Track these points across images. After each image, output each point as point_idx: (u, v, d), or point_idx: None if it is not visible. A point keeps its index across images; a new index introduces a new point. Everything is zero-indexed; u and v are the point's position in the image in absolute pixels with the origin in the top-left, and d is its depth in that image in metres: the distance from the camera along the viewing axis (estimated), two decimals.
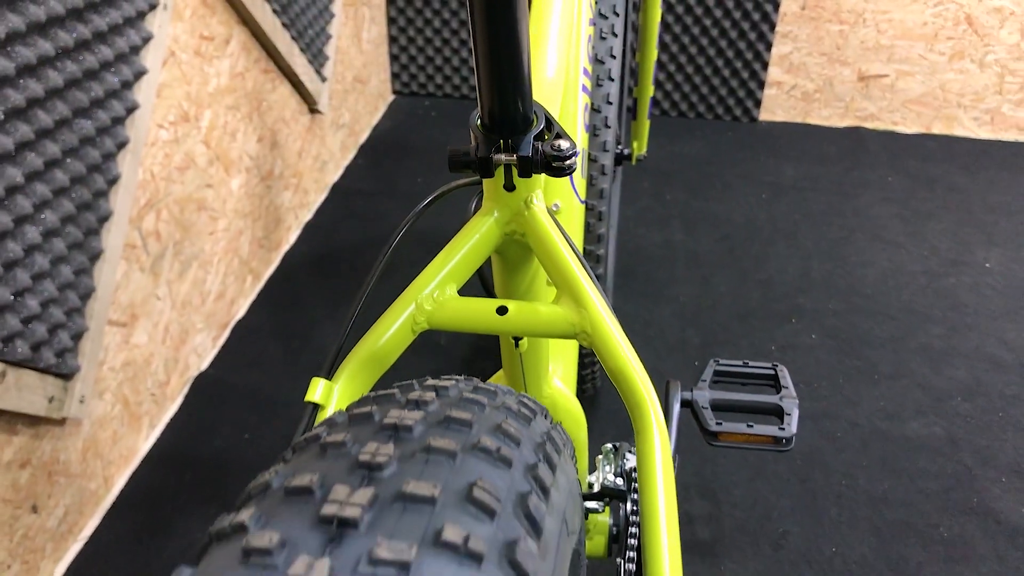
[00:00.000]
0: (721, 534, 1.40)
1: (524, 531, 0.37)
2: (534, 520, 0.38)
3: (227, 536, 0.36)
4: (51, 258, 1.16)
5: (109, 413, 1.40)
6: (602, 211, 1.16)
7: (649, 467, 0.50)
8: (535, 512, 0.38)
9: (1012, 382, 1.73)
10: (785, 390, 1.04)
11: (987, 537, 1.40)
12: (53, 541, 1.29)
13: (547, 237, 0.58)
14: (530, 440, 0.43)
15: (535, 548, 0.37)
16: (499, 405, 0.45)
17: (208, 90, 1.63)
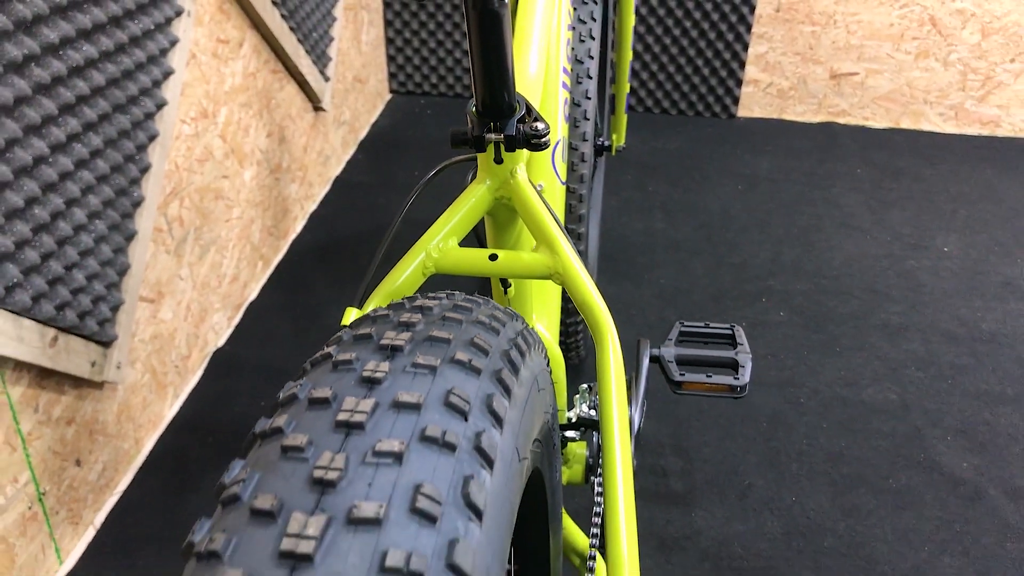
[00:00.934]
0: (693, 486, 1.55)
1: (490, 424, 0.47)
2: (498, 416, 0.47)
3: (267, 436, 0.45)
4: (94, 237, 1.31)
5: (139, 381, 1.55)
6: (582, 194, 1.32)
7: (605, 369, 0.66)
8: (499, 410, 0.48)
9: (962, 353, 1.89)
10: (740, 347, 1.20)
11: (932, 487, 1.56)
12: (93, 493, 1.44)
13: (528, 200, 0.73)
14: (498, 349, 0.53)
15: (497, 437, 0.46)
16: (474, 320, 0.55)
17: (224, 89, 1.78)
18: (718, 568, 1.40)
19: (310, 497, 0.39)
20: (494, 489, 0.43)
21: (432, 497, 0.39)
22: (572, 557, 1.02)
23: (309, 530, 0.37)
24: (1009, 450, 1.64)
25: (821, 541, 1.45)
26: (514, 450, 0.48)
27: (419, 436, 0.42)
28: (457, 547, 0.38)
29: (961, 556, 1.43)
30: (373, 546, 0.37)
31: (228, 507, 0.41)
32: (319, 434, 0.43)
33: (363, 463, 0.40)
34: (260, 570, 0.37)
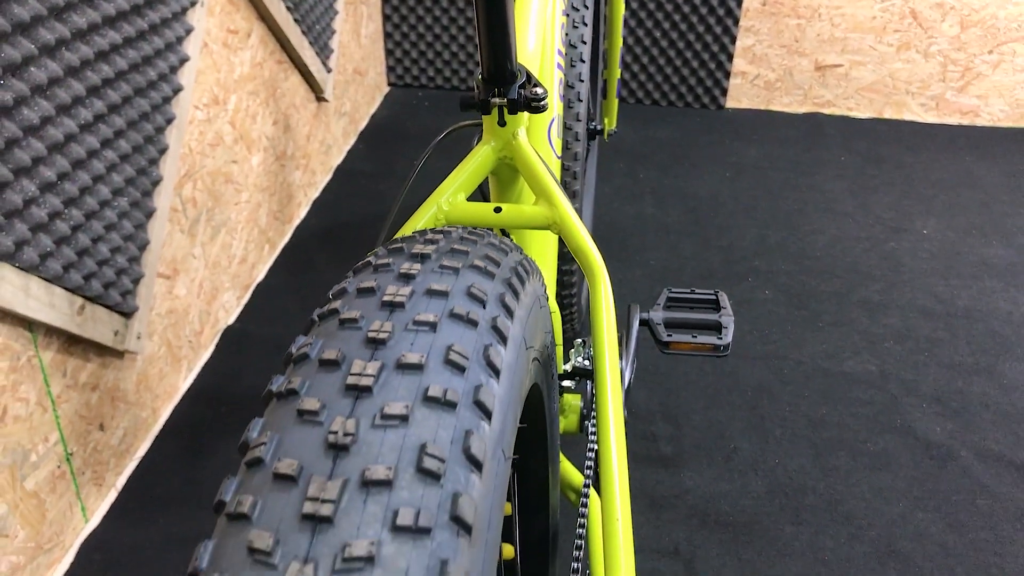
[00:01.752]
0: (681, 450, 1.64)
1: (486, 376, 0.49)
2: (494, 366, 0.50)
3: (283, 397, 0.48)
4: (117, 212, 1.39)
5: (156, 353, 1.63)
6: (576, 171, 1.41)
7: (598, 307, 0.74)
8: (495, 360, 0.50)
9: (938, 328, 1.99)
10: (724, 310, 1.29)
11: (907, 450, 1.65)
12: (115, 457, 1.52)
13: (529, 158, 0.82)
14: (494, 294, 0.55)
15: (496, 388, 0.49)
16: (470, 265, 0.57)
17: (234, 77, 1.86)
18: (705, 524, 1.49)
19: (326, 462, 0.42)
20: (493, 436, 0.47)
21: (436, 456, 0.43)
22: (568, 493, 1.11)
23: (327, 493, 0.40)
24: (981, 416, 1.73)
25: (802, 499, 1.54)
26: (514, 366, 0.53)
27: (422, 397, 0.46)
28: (460, 500, 0.41)
29: (934, 511, 1.52)
30: (385, 506, 0.40)
31: (252, 469, 0.44)
32: (331, 398, 0.46)
33: (372, 427, 0.44)
34: (286, 531, 0.40)
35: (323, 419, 0.45)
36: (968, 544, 1.46)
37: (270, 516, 0.41)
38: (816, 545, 1.46)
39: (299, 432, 0.45)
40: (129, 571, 1.39)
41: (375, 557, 0.38)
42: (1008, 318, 2.02)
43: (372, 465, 0.42)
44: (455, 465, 0.43)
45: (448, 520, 0.41)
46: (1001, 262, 2.23)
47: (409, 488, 0.41)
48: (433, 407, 0.45)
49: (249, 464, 0.44)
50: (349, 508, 0.40)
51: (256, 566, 0.39)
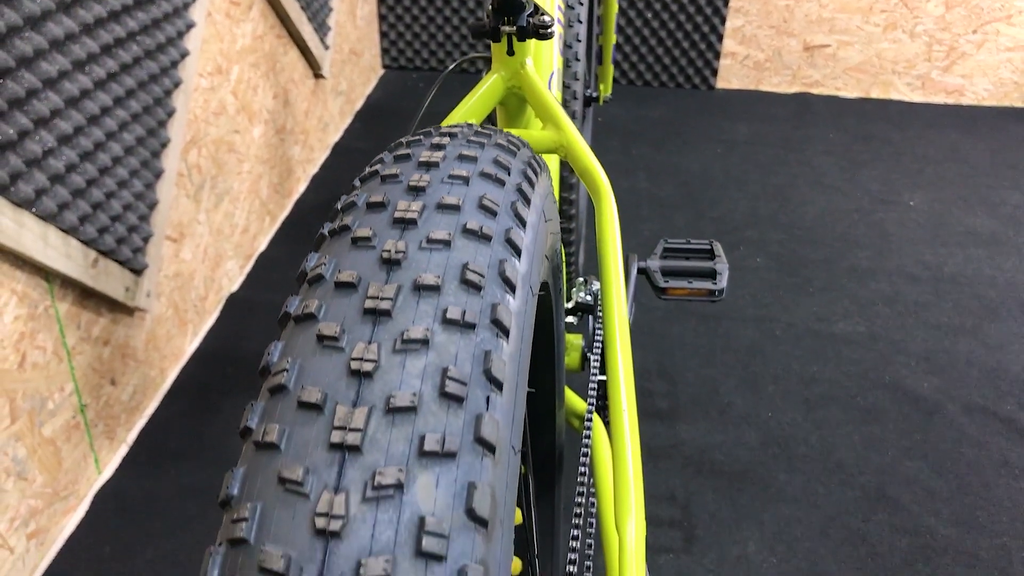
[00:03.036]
0: (677, 405, 1.69)
1: (503, 293, 0.49)
2: (510, 282, 0.49)
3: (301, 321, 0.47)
4: (128, 170, 1.43)
5: (164, 314, 1.67)
6: None
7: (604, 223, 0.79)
8: (511, 276, 0.50)
9: (926, 292, 2.04)
10: (718, 258, 1.34)
11: (895, 404, 1.70)
12: (126, 413, 1.56)
13: (536, 87, 0.86)
14: (506, 202, 0.54)
15: (511, 303, 0.49)
16: (480, 172, 0.56)
17: (236, 48, 1.90)
18: (700, 472, 1.54)
19: (350, 389, 0.42)
20: (511, 354, 0.47)
21: (458, 379, 0.42)
22: (572, 420, 1.15)
23: (354, 422, 0.40)
24: (967, 373, 1.79)
25: (795, 449, 1.59)
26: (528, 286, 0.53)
27: (441, 319, 0.45)
28: (483, 422, 0.42)
29: (921, 460, 1.58)
30: (410, 432, 0.40)
31: (276, 396, 0.44)
32: (350, 323, 0.45)
33: (394, 352, 0.43)
34: (315, 461, 0.40)
35: (344, 345, 0.44)
36: (955, 489, 1.51)
37: (298, 446, 0.41)
38: (809, 491, 1.51)
39: (320, 358, 0.44)
40: (143, 519, 1.43)
41: (404, 484, 0.39)
42: (993, 282, 2.08)
43: (396, 392, 0.42)
44: (476, 387, 0.43)
45: (472, 442, 0.41)
46: (986, 231, 2.29)
47: (434, 414, 0.41)
48: (452, 329, 0.45)
49: (272, 391, 0.44)
50: (376, 436, 0.40)
51: (288, 496, 0.39)
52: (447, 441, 0.40)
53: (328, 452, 0.40)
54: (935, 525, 1.45)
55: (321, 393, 0.42)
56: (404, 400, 0.41)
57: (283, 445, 0.41)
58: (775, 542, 1.41)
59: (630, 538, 0.64)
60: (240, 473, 0.42)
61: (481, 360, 0.44)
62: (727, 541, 1.41)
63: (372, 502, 0.38)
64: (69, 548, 1.37)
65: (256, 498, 0.40)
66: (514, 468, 0.45)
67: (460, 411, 0.42)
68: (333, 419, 0.41)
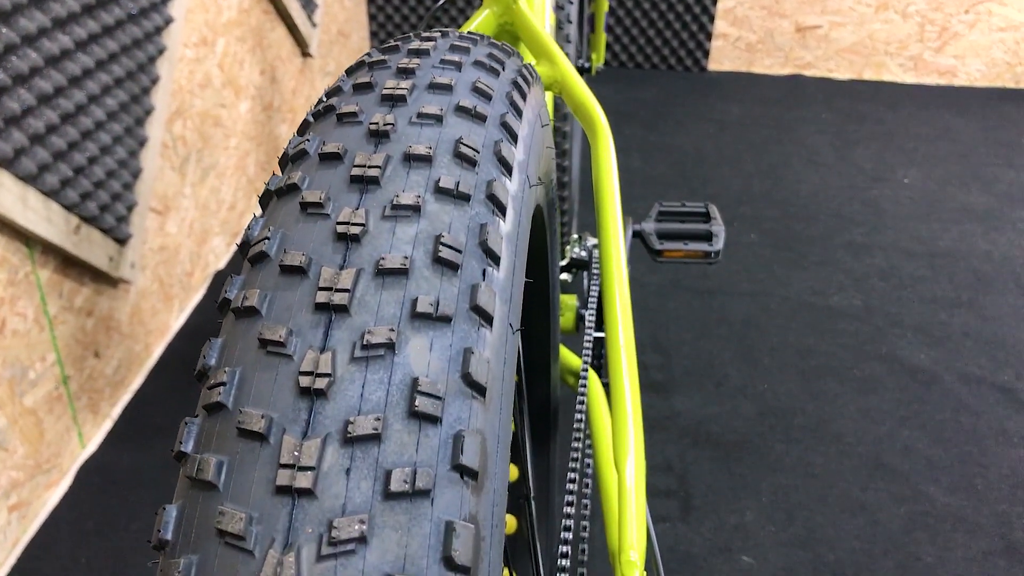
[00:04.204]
0: (672, 377, 1.67)
1: (498, 173, 0.46)
2: (507, 163, 0.47)
3: (285, 193, 0.44)
4: (111, 137, 1.40)
5: (149, 288, 1.63)
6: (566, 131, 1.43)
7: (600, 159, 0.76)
8: (508, 157, 0.47)
9: (920, 266, 2.02)
10: (714, 220, 1.31)
11: (892, 375, 1.68)
12: (110, 387, 1.53)
13: (529, 22, 0.84)
14: (501, 90, 0.52)
15: (507, 184, 0.47)
16: (473, 61, 0.53)
17: (221, 20, 1.87)
18: (697, 442, 1.52)
19: (336, 254, 0.40)
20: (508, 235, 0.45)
21: (452, 246, 0.40)
22: (567, 377, 1.12)
23: (341, 283, 0.38)
24: (963, 344, 1.77)
25: (792, 419, 1.57)
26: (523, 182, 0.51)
27: (433, 189, 0.43)
28: (480, 290, 0.39)
29: (919, 429, 1.55)
30: (402, 295, 0.38)
31: (258, 265, 0.41)
32: (336, 191, 0.43)
33: (383, 218, 0.41)
34: (299, 322, 0.38)
35: (329, 211, 0.42)
36: (953, 457, 1.50)
37: (281, 310, 0.38)
38: (806, 461, 1.48)
39: (304, 225, 0.42)
40: (129, 491, 1.39)
41: (395, 344, 0.36)
42: (988, 256, 2.06)
43: (386, 254, 0.39)
44: (472, 258, 0.41)
45: (468, 310, 0.39)
46: (980, 207, 2.28)
47: (427, 279, 0.39)
48: (445, 199, 0.42)
49: (253, 260, 0.42)
50: (365, 297, 0.38)
51: (270, 358, 0.37)
52: (441, 305, 0.38)
53: (313, 314, 0.38)
54: (934, 493, 1.42)
55: (305, 257, 0.39)
56: (394, 262, 0.39)
57: (264, 309, 0.39)
58: (773, 511, 1.39)
59: (629, 475, 0.62)
60: (218, 344, 0.40)
61: (477, 232, 0.42)
62: (725, 510, 1.38)
63: (361, 362, 0.36)
64: (52, 521, 1.34)
65: (235, 364, 0.38)
66: (512, 345, 0.42)
67: (455, 278, 0.40)
68: (318, 281, 0.38)
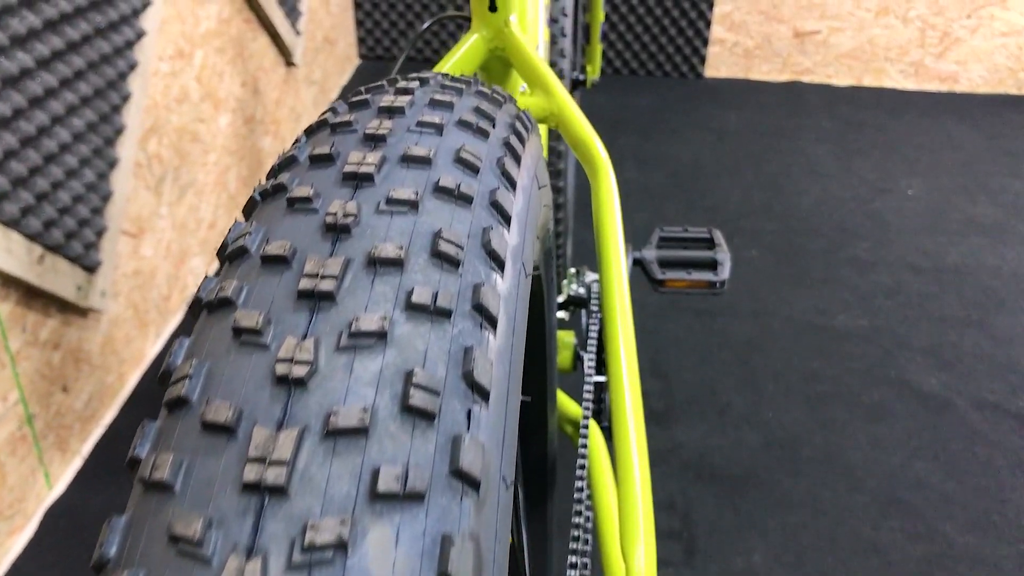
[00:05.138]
0: (672, 405, 1.59)
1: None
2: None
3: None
4: (78, 159, 1.31)
5: (122, 315, 1.55)
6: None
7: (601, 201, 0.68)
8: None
9: (928, 283, 1.95)
10: (719, 247, 1.24)
11: (902, 401, 1.61)
12: (80, 422, 1.44)
13: (522, 47, 0.76)
14: (491, 157, 0.44)
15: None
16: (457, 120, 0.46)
17: (199, 31, 1.78)
18: (700, 477, 1.44)
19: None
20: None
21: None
22: (564, 426, 1.05)
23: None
24: (975, 367, 1.70)
25: (799, 450, 1.50)
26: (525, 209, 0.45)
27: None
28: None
29: (932, 460, 1.48)
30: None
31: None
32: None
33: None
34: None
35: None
36: (969, 491, 1.42)
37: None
38: (815, 496, 1.41)
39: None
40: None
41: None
42: (997, 272, 1.99)
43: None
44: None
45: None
46: (987, 219, 2.21)
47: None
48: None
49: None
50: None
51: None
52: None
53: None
54: (950, 531, 1.35)
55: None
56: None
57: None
58: (782, 552, 1.31)
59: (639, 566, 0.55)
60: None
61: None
62: (730, 552, 1.31)
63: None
64: (15, 572, 1.26)
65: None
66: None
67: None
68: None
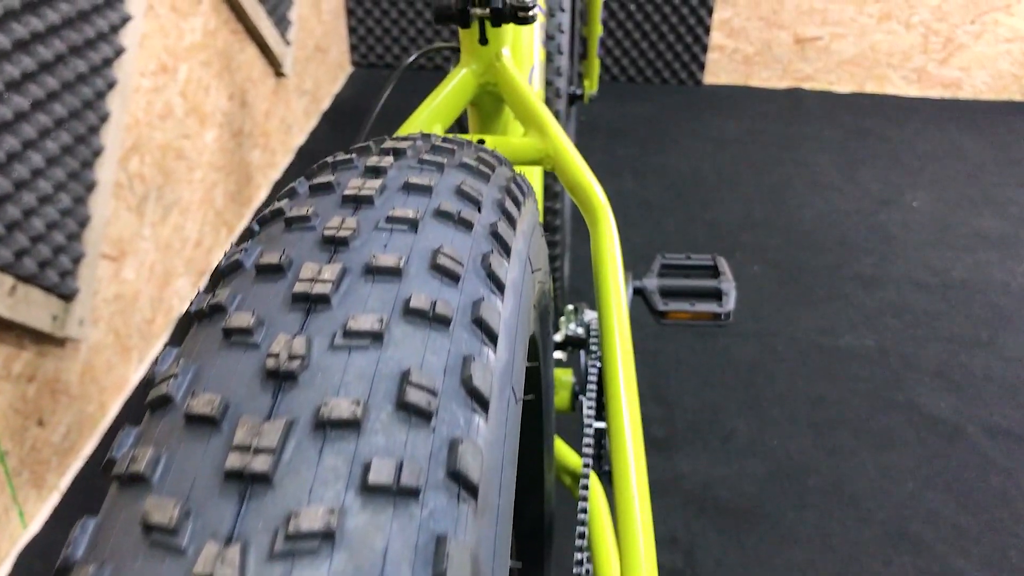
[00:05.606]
0: (674, 433, 1.54)
1: (488, 290, 0.38)
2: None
3: (207, 316, 0.36)
4: (53, 184, 1.26)
5: (103, 341, 1.49)
6: None
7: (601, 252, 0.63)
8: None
9: (935, 301, 1.90)
10: (723, 275, 1.18)
11: (911, 426, 1.56)
12: (57, 456, 1.38)
13: (515, 83, 0.70)
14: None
15: (499, 305, 0.38)
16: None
17: (184, 45, 1.72)
18: (703, 510, 1.38)
19: (263, 397, 0.31)
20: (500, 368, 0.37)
21: (425, 387, 0.32)
22: (563, 477, 1.00)
23: (264, 440, 0.30)
24: (986, 390, 1.64)
25: (805, 481, 1.44)
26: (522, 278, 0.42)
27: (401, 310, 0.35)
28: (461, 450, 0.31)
29: (944, 491, 1.43)
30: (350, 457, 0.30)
31: (159, 411, 0.33)
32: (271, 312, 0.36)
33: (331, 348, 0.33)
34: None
35: (259, 339, 0.33)
36: (983, 524, 1.37)
37: (176, 480, 0.29)
38: (822, 530, 1.35)
39: (224, 358, 0.33)
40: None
41: (335, 533, 0.27)
42: (1005, 289, 1.94)
43: (331, 399, 0.30)
44: (451, 401, 0.32)
45: (444, 477, 0.30)
46: (994, 233, 2.15)
47: (385, 431, 0.29)
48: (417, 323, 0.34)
49: (153, 406, 0.33)
50: (298, 459, 0.29)
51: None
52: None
53: (222, 484, 0.30)
54: (965, 568, 1.30)
55: (219, 402, 0.32)
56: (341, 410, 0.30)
57: (155, 480, 0.30)
58: None
59: None
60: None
61: None
62: None
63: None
64: None
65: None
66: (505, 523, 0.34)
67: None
68: (233, 437, 0.31)
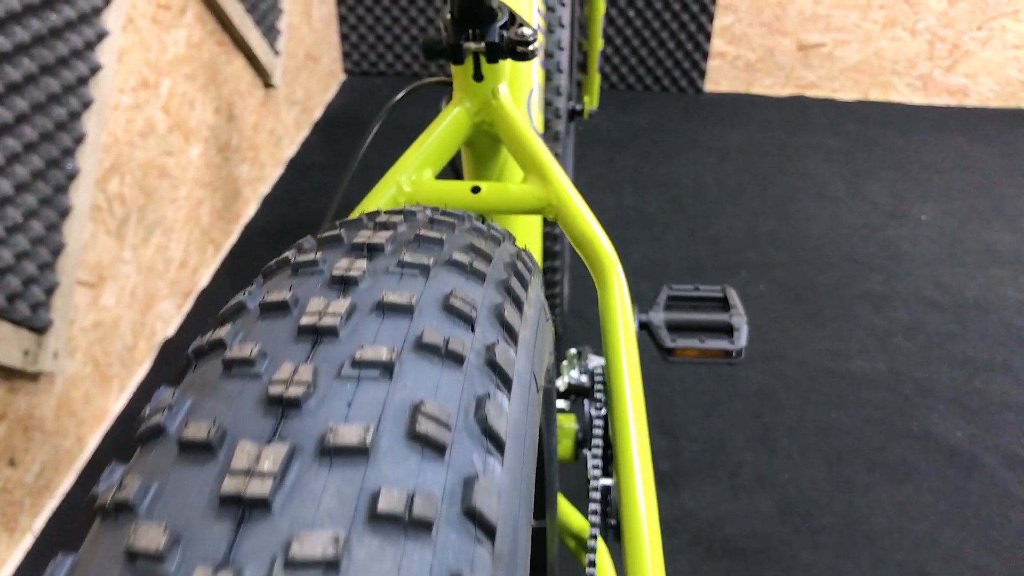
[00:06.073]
0: (680, 466, 1.47)
1: (501, 337, 0.36)
2: (510, 327, 0.36)
3: (205, 354, 0.35)
4: (23, 211, 1.18)
5: (80, 372, 1.42)
6: (557, 152, 1.22)
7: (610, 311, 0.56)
8: (511, 321, 0.37)
9: (948, 321, 1.83)
10: (734, 309, 1.11)
11: (927, 458, 1.49)
12: (31, 496, 1.31)
13: (514, 123, 0.63)
14: (500, 259, 0.42)
15: (512, 353, 0.36)
16: (468, 228, 0.43)
17: (166, 58, 1.65)
18: (711, 551, 1.32)
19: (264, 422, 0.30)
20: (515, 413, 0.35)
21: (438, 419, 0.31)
22: (567, 540, 0.93)
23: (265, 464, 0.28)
24: (1002, 417, 1.58)
25: (818, 518, 1.37)
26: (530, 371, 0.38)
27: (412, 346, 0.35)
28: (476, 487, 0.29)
29: (963, 528, 1.36)
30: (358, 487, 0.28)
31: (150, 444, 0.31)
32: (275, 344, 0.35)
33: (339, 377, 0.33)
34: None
35: (261, 370, 0.32)
36: (1007, 566, 1.30)
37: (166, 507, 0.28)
38: (837, 572, 1.29)
39: (224, 388, 0.31)
40: None
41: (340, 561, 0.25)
42: (1020, 308, 1.87)
43: (338, 425, 0.28)
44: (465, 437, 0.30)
45: (460, 514, 0.28)
46: (1006, 248, 2.09)
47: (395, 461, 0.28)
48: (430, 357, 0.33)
49: (143, 438, 0.31)
50: (300, 485, 0.27)
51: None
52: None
53: (217, 510, 0.28)
54: None
55: (215, 431, 0.30)
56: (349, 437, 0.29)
57: (142, 509, 0.28)
58: None
59: None
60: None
61: None
62: None
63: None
64: None
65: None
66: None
67: None
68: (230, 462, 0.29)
